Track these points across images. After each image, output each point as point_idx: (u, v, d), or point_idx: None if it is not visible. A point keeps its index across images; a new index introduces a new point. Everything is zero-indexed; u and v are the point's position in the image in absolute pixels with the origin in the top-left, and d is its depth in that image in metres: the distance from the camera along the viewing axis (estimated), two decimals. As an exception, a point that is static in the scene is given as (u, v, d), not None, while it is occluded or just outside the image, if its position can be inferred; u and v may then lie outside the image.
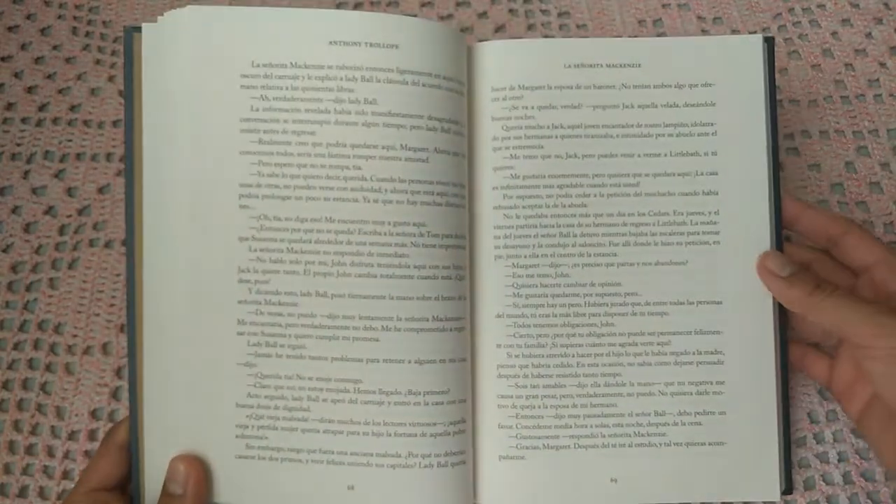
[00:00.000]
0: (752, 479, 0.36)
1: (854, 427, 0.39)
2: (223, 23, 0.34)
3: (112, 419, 0.40)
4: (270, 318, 0.34)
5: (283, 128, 0.34)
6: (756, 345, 0.36)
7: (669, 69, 0.37)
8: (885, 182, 0.45)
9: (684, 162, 0.36)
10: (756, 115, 0.37)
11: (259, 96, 0.34)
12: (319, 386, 0.34)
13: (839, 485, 0.38)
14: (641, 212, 0.36)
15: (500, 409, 0.36)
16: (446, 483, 0.34)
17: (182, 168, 0.34)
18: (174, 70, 0.34)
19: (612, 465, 0.36)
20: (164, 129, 0.34)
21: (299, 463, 0.34)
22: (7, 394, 0.40)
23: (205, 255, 0.34)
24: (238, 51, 0.34)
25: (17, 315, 0.42)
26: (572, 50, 0.37)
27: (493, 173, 0.37)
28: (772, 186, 0.36)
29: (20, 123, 0.47)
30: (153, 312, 0.34)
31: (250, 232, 0.34)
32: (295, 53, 0.34)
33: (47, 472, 0.38)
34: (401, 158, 0.34)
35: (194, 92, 0.34)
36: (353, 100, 0.34)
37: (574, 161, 0.37)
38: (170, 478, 0.33)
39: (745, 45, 0.37)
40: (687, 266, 0.36)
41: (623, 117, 0.37)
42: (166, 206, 0.34)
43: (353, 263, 0.34)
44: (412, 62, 0.34)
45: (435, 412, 0.34)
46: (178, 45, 0.34)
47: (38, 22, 0.51)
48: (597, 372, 0.36)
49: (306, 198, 0.34)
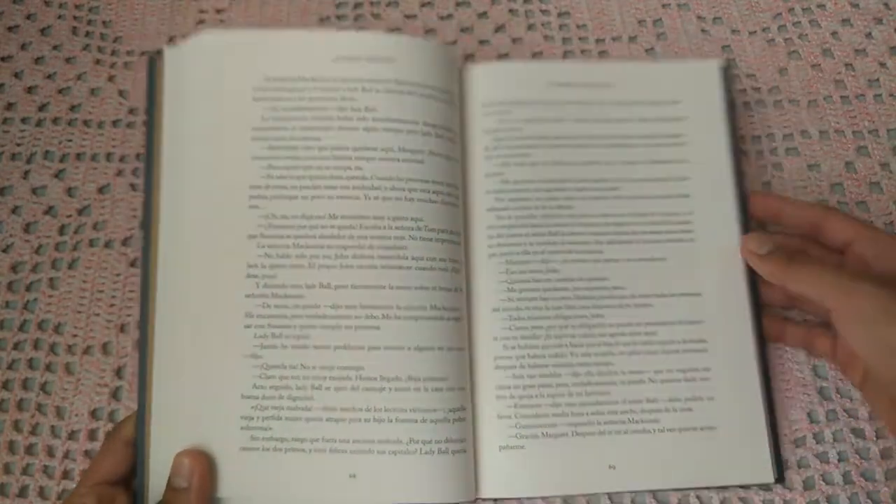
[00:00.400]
0: (744, 462, 0.37)
1: (852, 429, 0.39)
2: (239, 44, 0.39)
3: (112, 419, 0.40)
4: (277, 311, 0.36)
5: (290, 134, 0.37)
6: (736, 333, 0.39)
7: (639, 89, 0.42)
8: (885, 182, 0.46)
9: (658, 169, 0.41)
10: (718, 127, 0.42)
11: (270, 107, 0.38)
12: (323, 374, 0.35)
13: (839, 484, 0.38)
14: (622, 213, 0.40)
15: (499, 400, 0.37)
16: (447, 470, 0.35)
17: (197, 173, 0.37)
18: (193, 87, 0.38)
19: (609, 452, 0.37)
20: (182, 140, 0.37)
21: (302, 452, 0.34)
22: (7, 394, 0.40)
23: (216, 253, 0.36)
24: (251, 67, 0.38)
25: (17, 315, 0.42)
26: (554, 71, 0.43)
27: (486, 179, 0.40)
28: (737, 188, 0.41)
29: (20, 123, 0.47)
30: (165, 308, 0.36)
31: (259, 230, 0.37)
32: (302, 68, 0.38)
33: (47, 471, 0.38)
34: (398, 160, 0.37)
35: (211, 105, 0.38)
36: (354, 108, 0.38)
37: (559, 167, 0.41)
38: (175, 472, 0.34)
39: (705, 68, 0.43)
40: (666, 262, 0.40)
41: (602, 130, 0.41)
42: (182, 208, 0.37)
43: (355, 256, 0.36)
44: (408, 75, 0.38)
45: (434, 398, 0.35)
46: (198, 65, 0.38)
47: (38, 22, 0.51)
48: (589, 361, 0.38)
49: (311, 197, 0.37)
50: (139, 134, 0.47)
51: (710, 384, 0.38)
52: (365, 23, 0.51)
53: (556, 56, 0.50)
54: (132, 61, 0.49)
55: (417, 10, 0.52)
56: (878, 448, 0.39)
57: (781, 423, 0.39)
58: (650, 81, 0.42)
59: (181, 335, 0.36)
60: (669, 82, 0.42)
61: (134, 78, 0.49)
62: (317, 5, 0.52)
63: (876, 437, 0.39)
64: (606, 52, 0.50)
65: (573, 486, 0.37)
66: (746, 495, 0.38)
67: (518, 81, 0.42)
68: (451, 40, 0.51)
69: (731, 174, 0.41)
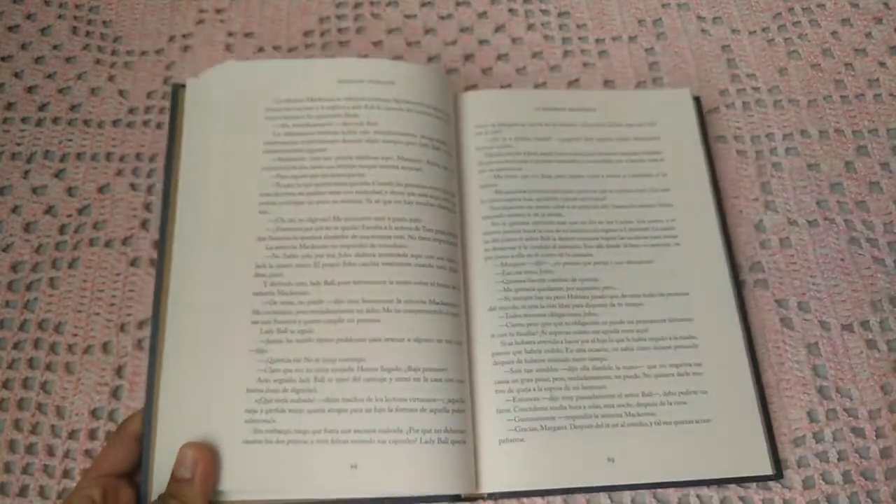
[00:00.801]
0: (741, 456, 0.38)
1: (852, 428, 0.39)
2: (254, 71, 0.42)
3: (112, 418, 0.40)
4: (282, 307, 0.37)
5: (298, 147, 0.40)
6: (724, 329, 0.41)
7: (619, 112, 0.46)
8: (885, 182, 0.46)
9: (640, 181, 0.44)
10: (694, 144, 0.45)
11: (280, 124, 0.41)
12: (325, 366, 0.36)
13: (839, 483, 0.38)
14: (610, 220, 0.43)
15: (498, 394, 0.38)
16: (447, 461, 0.35)
17: (213, 183, 0.40)
18: (212, 109, 0.41)
19: (608, 445, 0.38)
20: (199, 156, 0.40)
21: (304, 444, 0.35)
22: (7, 393, 0.40)
23: (227, 255, 0.38)
24: (264, 91, 0.42)
25: (17, 314, 0.42)
26: (540, 98, 0.46)
27: (480, 190, 0.43)
28: (716, 198, 0.44)
29: (20, 123, 0.47)
30: (176, 306, 0.37)
31: (267, 233, 0.39)
32: (310, 91, 0.41)
33: (47, 471, 0.38)
34: (398, 167, 0.40)
35: (227, 125, 0.41)
36: (357, 122, 0.41)
37: (548, 179, 0.43)
38: (179, 463, 0.34)
39: (677, 95, 0.47)
40: (654, 264, 0.42)
41: (586, 147, 0.45)
42: (197, 214, 0.39)
43: (358, 255, 0.38)
44: (407, 95, 0.41)
45: (434, 388, 0.36)
46: (217, 90, 0.41)
47: (38, 22, 0.51)
48: (584, 357, 0.39)
49: (317, 202, 0.39)
50: (139, 134, 0.47)
51: (702, 378, 0.39)
52: (364, 22, 0.51)
53: (555, 55, 0.50)
54: (132, 61, 0.50)
55: (417, 9, 0.52)
56: (877, 447, 0.39)
57: (781, 422, 0.39)
58: (629, 106, 0.46)
59: (191, 332, 0.37)
60: (644, 107, 0.46)
61: (134, 77, 0.49)
62: (316, 5, 0.52)
63: (876, 437, 0.39)
64: (606, 52, 0.50)
65: (573, 478, 0.37)
66: (746, 494, 0.38)
67: (507, 106, 0.45)
68: (451, 40, 0.51)
69: (709, 186, 0.44)
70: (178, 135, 0.40)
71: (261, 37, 0.51)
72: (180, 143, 0.40)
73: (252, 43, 0.50)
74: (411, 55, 0.50)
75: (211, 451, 0.35)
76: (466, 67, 0.50)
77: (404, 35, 0.51)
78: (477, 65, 0.50)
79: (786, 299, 0.43)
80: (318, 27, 0.51)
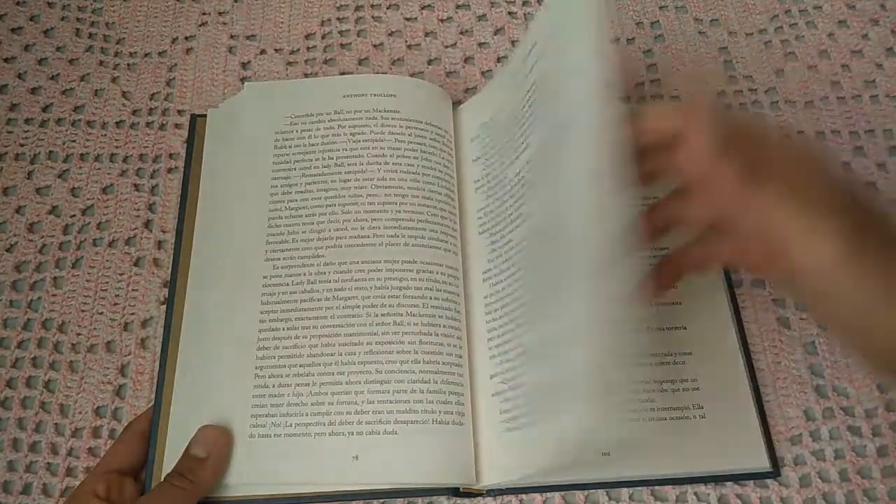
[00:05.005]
0: (739, 453, 0.38)
1: (848, 426, 0.40)
2: (269, 92, 0.46)
3: (115, 417, 0.40)
4: (288, 306, 0.39)
5: (306, 150, 0.43)
6: (715, 320, 0.41)
7: None
8: (882, 182, 0.46)
9: None
10: None
11: (290, 135, 0.44)
12: (328, 360, 0.38)
13: (836, 482, 0.38)
14: None
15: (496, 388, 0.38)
16: (446, 452, 0.36)
17: (229, 186, 0.43)
18: (228, 125, 0.44)
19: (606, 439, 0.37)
20: (219, 162, 0.43)
21: (307, 437, 0.36)
22: (11, 392, 0.40)
23: (239, 241, 0.41)
24: (278, 108, 0.45)
25: (21, 314, 0.42)
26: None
27: (473, 185, 0.44)
28: None
29: (24, 124, 0.47)
30: (190, 311, 0.39)
31: (272, 222, 0.42)
32: (317, 106, 0.45)
33: (51, 469, 0.39)
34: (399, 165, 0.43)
35: (244, 137, 0.44)
36: (360, 129, 0.44)
37: None
38: (195, 441, 0.35)
39: None
40: None
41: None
42: (216, 210, 0.42)
43: (355, 236, 0.41)
44: (407, 109, 0.44)
45: (433, 380, 0.37)
46: (236, 113, 0.45)
47: (42, 23, 0.51)
48: None
49: (319, 190, 0.42)
50: (142, 135, 0.47)
51: (689, 368, 0.40)
52: (365, 25, 0.52)
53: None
54: (135, 63, 0.50)
55: (417, 12, 0.52)
56: (874, 445, 0.39)
57: (778, 420, 0.40)
58: None
59: (202, 334, 0.39)
60: None
61: (137, 79, 0.49)
62: (318, 8, 0.52)
63: (872, 435, 0.39)
64: (605, 54, 0.50)
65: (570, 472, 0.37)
66: (743, 491, 0.38)
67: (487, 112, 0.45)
68: (450, 43, 0.51)
69: None
70: (198, 160, 0.43)
71: (263, 39, 0.51)
72: (199, 167, 0.43)
73: (254, 45, 0.51)
74: (411, 57, 0.51)
75: (230, 436, 0.36)
76: (466, 70, 0.50)
77: (404, 38, 0.51)
78: (476, 67, 0.50)
79: (783, 298, 0.43)
80: (319, 30, 0.52)
